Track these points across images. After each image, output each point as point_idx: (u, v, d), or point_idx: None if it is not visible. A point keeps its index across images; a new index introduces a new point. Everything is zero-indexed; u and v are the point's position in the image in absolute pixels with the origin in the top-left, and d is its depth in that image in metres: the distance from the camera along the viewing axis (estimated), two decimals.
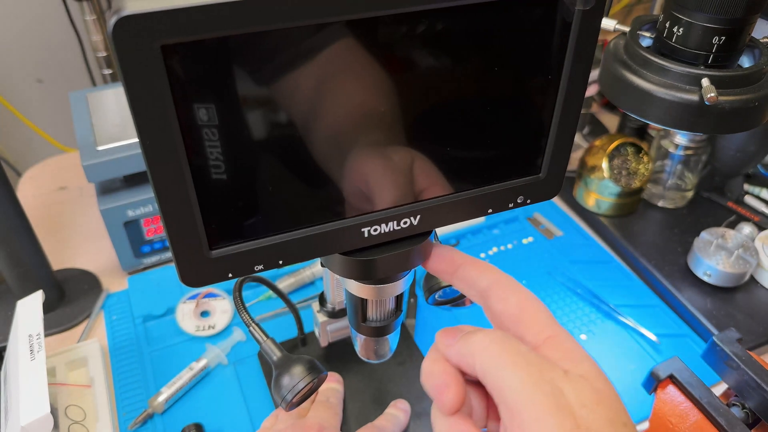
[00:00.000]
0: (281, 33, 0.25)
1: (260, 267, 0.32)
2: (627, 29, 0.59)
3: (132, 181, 0.70)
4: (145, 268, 0.76)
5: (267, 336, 0.48)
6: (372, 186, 0.32)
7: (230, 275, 0.31)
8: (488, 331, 0.29)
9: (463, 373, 0.30)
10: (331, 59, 0.27)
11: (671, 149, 0.79)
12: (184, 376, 0.61)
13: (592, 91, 0.95)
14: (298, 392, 0.44)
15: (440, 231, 0.79)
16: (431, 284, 0.50)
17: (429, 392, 0.30)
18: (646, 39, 0.58)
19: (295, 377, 0.44)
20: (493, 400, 0.28)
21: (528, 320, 0.30)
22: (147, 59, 0.23)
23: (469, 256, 0.34)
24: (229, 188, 0.29)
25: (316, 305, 0.58)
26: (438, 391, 0.29)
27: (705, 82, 0.51)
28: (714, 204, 0.85)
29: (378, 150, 0.31)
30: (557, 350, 0.28)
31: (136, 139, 0.25)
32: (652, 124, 0.66)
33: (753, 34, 0.54)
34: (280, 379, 0.45)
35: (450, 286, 0.49)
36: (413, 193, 0.33)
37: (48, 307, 0.69)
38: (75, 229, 0.84)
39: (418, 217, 0.34)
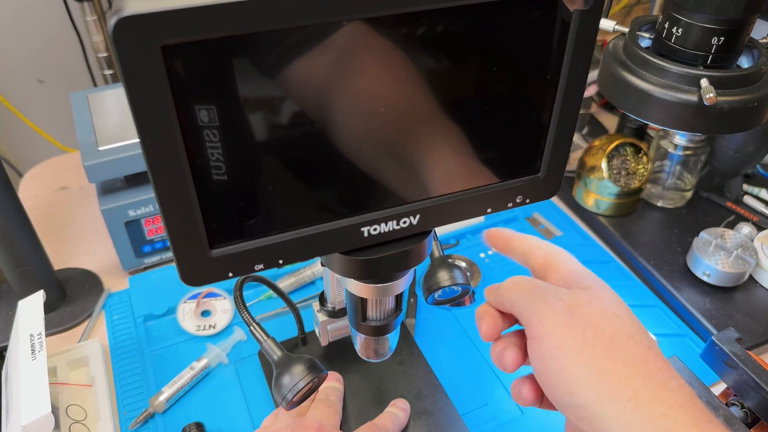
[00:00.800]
0: (282, 34, 0.25)
1: (260, 266, 0.32)
2: (626, 30, 0.59)
3: (133, 181, 0.71)
4: (146, 268, 0.76)
5: (267, 335, 0.48)
6: (371, 186, 0.32)
7: (230, 274, 0.32)
8: (512, 277, 0.38)
9: (504, 316, 0.38)
10: (331, 60, 0.27)
11: (670, 149, 0.79)
12: (185, 376, 0.61)
13: (591, 91, 0.95)
14: (299, 391, 0.44)
15: (440, 230, 0.79)
16: (431, 284, 0.50)
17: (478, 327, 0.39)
18: (645, 39, 0.58)
19: (296, 376, 0.44)
20: (522, 325, 0.36)
21: (552, 265, 0.38)
22: (147, 60, 0.23)
23: (515, 232, 0.42)
24: (230, 188, 0.29)
25: (316, 305, 0.58)
26: (477, 323, 0.39)
27: (704, 82, 0.51)
28: (713, 204, 0.85)
29: (377, 150, 0.31)
30: (569, 277, 0.36)
31: (137, 140, 0.25)
32: (651, 125, 0.66)
33: (752, 35, 0.54)
34: (280, 379, 0.45)
35: (449, 286, 0.50)
36: (413, 192, 0.33)
37: (49, 307, 0.69)
38: (76, 228, 0.84)
39: (418, 216, 0.34)
